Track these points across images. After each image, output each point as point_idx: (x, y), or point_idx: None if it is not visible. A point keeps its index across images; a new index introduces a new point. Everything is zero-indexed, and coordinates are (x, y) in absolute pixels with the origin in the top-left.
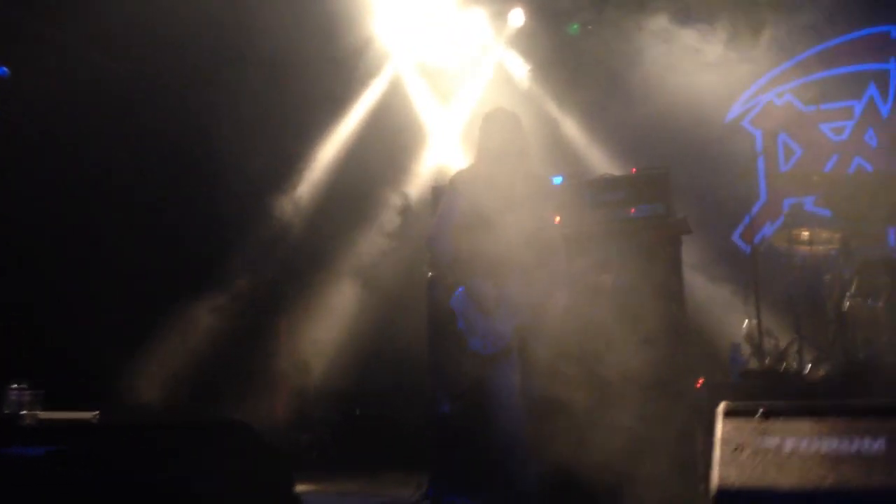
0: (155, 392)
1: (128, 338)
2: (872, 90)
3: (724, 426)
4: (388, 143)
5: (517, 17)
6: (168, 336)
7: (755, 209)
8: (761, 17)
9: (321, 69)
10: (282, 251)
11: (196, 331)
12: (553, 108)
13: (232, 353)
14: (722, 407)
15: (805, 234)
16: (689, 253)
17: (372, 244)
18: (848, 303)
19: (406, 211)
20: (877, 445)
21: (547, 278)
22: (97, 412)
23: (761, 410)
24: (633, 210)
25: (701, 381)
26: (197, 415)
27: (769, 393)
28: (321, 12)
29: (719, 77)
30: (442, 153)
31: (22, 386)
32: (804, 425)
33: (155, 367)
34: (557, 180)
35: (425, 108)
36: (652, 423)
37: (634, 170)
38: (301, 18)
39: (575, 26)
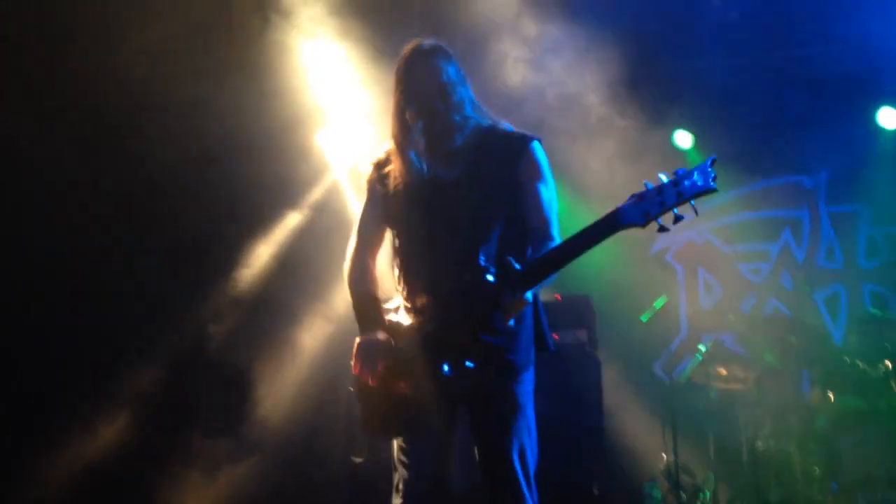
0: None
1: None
2: (788, 235)
3: None
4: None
5: None
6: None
7: (675, 344)
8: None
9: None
10: (197, 364)
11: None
12: None
13: (136, 460)
14: None
15: (722, 371)
16: (611, 382)
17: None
18: (761, 444)
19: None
20: None
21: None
22: None
23: None
24: (556, 336)
25: None
26: None
27: None
28: (264, 119)
29: None
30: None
31: None
32: None
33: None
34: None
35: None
36: None
37: (559, 296)
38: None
39: None
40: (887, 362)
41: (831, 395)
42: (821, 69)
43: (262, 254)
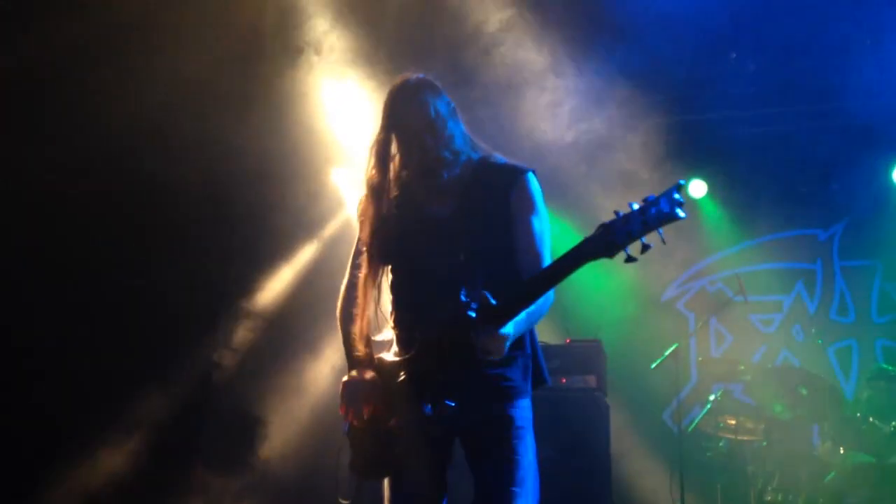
0: None
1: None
2: (800, 287)
3: None
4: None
5: None
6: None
7: (685, 392)
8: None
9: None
10: (204, 395)
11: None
12: None
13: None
14: None
15: (731, 421)
16: (619, 427)
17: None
18: (769, 496)
19: None
20: None
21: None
22: None
23: None
24: (563, 380)
25: None
26: None
27: None
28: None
29: (658, 260)
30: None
31: None
32: None
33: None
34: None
35: None
36: None
37: (568, 340)
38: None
39: None
40: None
41: (842, 450)
42: (836, 124)
43: (276, 284)
